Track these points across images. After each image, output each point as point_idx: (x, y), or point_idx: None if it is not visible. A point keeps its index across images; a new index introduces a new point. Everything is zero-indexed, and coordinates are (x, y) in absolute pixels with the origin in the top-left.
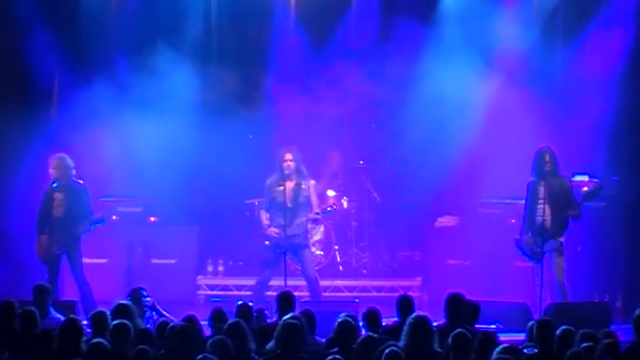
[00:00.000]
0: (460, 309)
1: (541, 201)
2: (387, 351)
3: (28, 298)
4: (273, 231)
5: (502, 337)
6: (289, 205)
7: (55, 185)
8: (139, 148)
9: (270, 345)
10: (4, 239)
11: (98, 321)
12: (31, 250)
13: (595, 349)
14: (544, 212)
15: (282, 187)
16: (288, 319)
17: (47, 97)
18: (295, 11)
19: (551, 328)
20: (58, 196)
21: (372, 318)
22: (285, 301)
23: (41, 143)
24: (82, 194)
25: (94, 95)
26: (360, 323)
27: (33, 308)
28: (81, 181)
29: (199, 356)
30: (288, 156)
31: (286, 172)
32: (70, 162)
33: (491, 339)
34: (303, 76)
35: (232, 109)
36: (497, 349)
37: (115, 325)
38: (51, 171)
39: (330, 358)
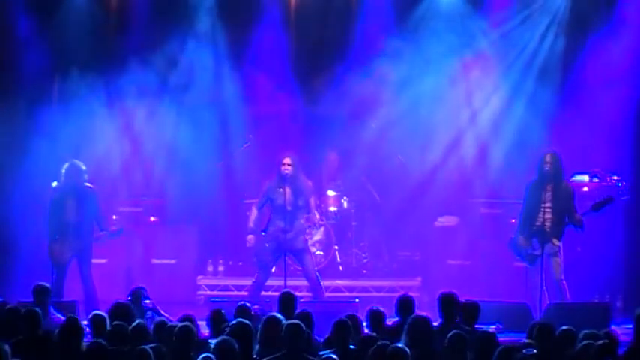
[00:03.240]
0: (453, 308)
1: (543, 205)
2: (390, 348)
3: (28, 299)
4: (251, 238)
5: (502, 337)
6: (289, 208)
7: (66, 190)
8: (138, 147)
9: (255, 349)
10: (4, 239)
11: (97, 323)
12: (33, 250)
13: (595, 349)
14: (545, 216)
15: (281, 191)
16: (281, 321)
17: (47, 96)
18: (294, 12)
19: (550, 331)
20: (70, 201)
21: (376, 318)
22: (287, 301)
23: (41, 142)
24: (94, 199)
25: (93, 94)
26: (364, 323)
27: (37, 309)
28: (91, 186)
29: (200, 356)
30: (287, 160)
31: (285, 176)
32: (83, 167)
33: (491, 339)
34: (303, 76)
35: (232, 108)
36: (498, 349)
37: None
38: (70, 178)
39: (323, 359)
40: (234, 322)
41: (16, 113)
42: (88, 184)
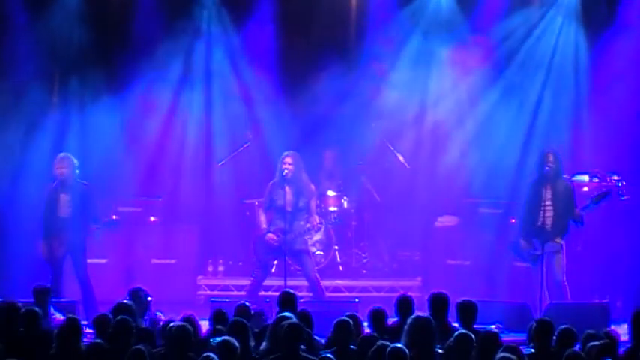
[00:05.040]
0: (443, 308)
1: (543, 204)
2: (390, 348)
3: (28, 298)
4: (272, 238)
5: (502, 337)
6: (289, 209)
7: (58, 185)
8: (139, 147)
9: (263, 345)
10: (5, 238)
11: (101, 324)
12: (32, 250)
13: (595, 349)
14: (545, 215)
15: (281, 191)
16: (288, 320)
17: (47, 95)
18: (294, 11)
19: (549, 328)
20: (64, 197)
21: (377, 317)
22: (287, 301)
23: (41, 141)
24: (89, 195)
25: (91, 94)
26: (365, 323)
27: (37, 309)
28: (85, 182)
29: (202, 355)
30: (288, 160)
31: (286, 176)
32: (75, 162)
33: (494, 339)
34: (303, 75)
35: (232, 108)
36: (501, 349)
37: (116, 321)
38: (61, 170)
39: (319, 358)
40: (232, 320)
41: (13, 110)
42: (82, 181)
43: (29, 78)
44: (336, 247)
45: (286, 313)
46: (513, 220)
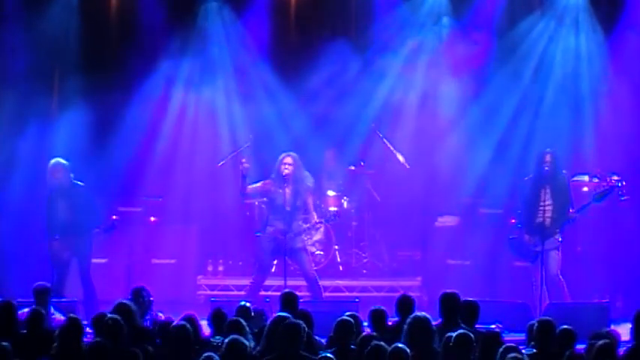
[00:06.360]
0: (455, 308)
1: (542, 203)
2: (390, 348)
3: (28, 298)
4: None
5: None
6: (288, 208)
7: (57, 191)
8: (138, 146)
9: (260, 345)
10: (5, 238)
11: (101, 323)
12: (32, 249)
13: (595, 349)
14: (544, 213)
15: (280, 191)
16: (287, 320)
17: (45, 98)
18: (295, 9)
19: (551, 328)
20: (63, 200)
21: (378, 317)
22: (289, 301)
23: (39, 140)
24: (87, 196)
25: (91, 92)
26: (365, 323)
27: (41, 309)
28: (81, 183)
29: (203, 355)
30: (288, 160)
31: (286, 177)
32: (67, 165)
33: (495, 338)
34: (303, 74)
35: (231, 108)
36: (501, 349)
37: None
38: (57, 175)
39: (319, 358)
40: (230, 320)
41: (12, 109)
42: (77, 182)
43: (27, 76)
44: (336, 247)
45: (282, 314)
46: (513, 220)
